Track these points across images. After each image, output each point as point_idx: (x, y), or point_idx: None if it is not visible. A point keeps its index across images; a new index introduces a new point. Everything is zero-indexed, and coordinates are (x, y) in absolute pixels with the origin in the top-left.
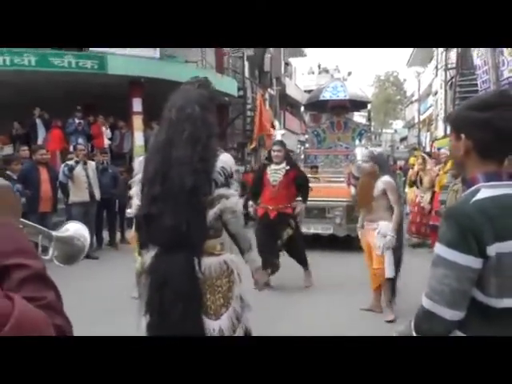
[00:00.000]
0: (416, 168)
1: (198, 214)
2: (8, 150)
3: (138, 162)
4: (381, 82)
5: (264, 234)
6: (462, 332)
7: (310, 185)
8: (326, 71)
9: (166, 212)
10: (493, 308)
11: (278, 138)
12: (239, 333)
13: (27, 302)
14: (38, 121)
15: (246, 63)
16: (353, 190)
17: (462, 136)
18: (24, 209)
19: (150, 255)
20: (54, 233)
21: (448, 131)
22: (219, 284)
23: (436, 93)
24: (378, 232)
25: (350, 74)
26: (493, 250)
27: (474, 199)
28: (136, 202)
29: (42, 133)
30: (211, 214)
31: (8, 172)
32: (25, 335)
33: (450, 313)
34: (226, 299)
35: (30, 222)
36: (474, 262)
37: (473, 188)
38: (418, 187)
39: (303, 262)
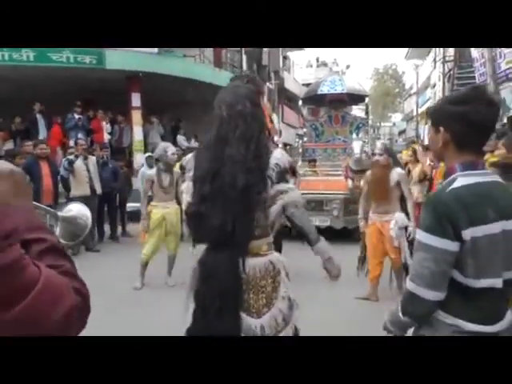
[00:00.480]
0: (404, 159)
1: (247, 214)
2: (8, 145)
3: (190, 158)
4: (379, 75)
5: None
6: (443, 311)
7: (308, 178)
8: (325, 64)
9: (214, 211)
10: (472, 288)
11: None
12: (287, 333)
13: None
14: (38, 116)
15: (244, 57)
16: (350, 183)
17: (441, 129)
18: None
19: (202, 248)
20: (59, 213)
21: None
22: (263, 284)
23: (434, 85)
24: (395, 223)
25: (348, 67)
26: (468, 234)
27: (451, 188)
28: (187, 198)
29: (42, 128)
30: (273, 210)
31: None
32: (50, 297)
33: (431, 294)
34: (269, 299)
35: (39, 204)
36: (451, 246)
37: (450, 177)
38: None
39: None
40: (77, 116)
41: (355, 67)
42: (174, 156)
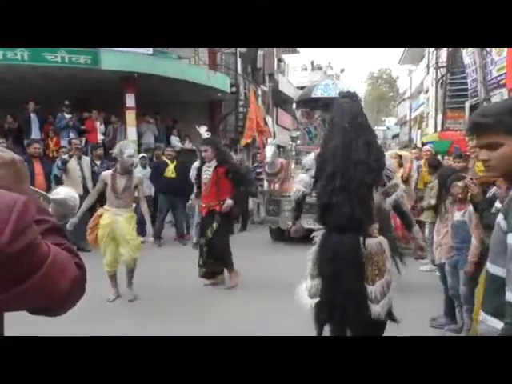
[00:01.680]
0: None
1: (369, 205)
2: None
3: (310, 159)
4: (374, 79)
5: (200, 232)
6: None
7: None
8: (319, 68)
9: (344, 202)
10: None
11: (204, 136)
12: (389, 296)
13: None
14: (32, 115)
15: (239, 60)
16: None
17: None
18: None
19: (320, 233)
20: (50, 196)
21: (437, 128)
22: (376, 259)
23: (427, 91)
24: None
25: (342, 70)
26: None
27: None
28: (300, 187)
29: (36, 127)
30: (390, 200)
31: None
32: (57, 269)
33: None
34: (380, 271)
35: (33, 188)
36: None
37: None
38: None
39: (226, 263)
40: (67, 116)
41: (350, 71)
42: (131, 159)
